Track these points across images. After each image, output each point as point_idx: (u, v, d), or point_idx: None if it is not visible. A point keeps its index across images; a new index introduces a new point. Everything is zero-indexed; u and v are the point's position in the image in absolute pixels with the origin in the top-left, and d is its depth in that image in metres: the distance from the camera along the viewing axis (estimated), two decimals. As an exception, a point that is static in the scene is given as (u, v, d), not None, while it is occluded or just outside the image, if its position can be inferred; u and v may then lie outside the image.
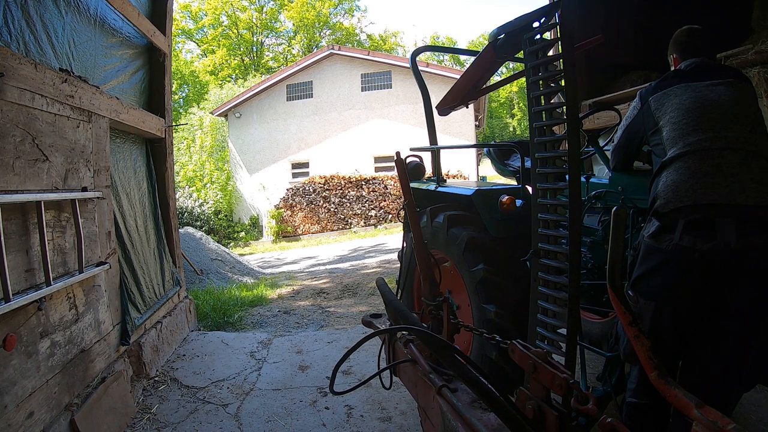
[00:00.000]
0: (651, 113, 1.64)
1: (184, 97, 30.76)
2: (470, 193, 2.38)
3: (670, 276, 1.45)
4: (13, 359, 1.75)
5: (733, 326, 1.42)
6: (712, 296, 1.42)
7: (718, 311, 1.44)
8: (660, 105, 1.61)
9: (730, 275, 1.38)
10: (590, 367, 2.47)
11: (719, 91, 1.54)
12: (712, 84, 1.57)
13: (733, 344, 1.44)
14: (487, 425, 0.92)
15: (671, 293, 1.46)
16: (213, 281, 6.55)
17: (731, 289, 1.39)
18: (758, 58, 2.45)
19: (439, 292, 1.51)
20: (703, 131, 1.48)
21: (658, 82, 1.68)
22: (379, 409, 2.57)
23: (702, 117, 1.50)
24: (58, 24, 2.36)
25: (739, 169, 1.41)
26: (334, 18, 33.18)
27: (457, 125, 13.10)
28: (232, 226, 16.28)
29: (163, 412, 2.66)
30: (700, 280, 1.41)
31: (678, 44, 1.77)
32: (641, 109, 1.70)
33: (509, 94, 39.78)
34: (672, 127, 1.54)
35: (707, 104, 1.52)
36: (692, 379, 1.53)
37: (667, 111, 1.58)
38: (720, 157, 1.43)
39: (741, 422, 2.11)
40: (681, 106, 1.55)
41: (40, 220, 1.92)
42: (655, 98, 1.64)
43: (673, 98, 1.58)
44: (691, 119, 1.51)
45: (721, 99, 1.52)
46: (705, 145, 1.46)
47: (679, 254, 1.42)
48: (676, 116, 1.55)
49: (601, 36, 2.47)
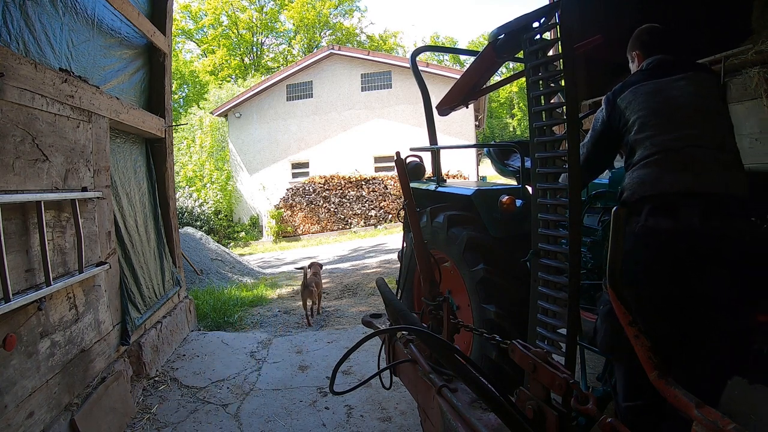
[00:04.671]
0: (622, 112, 1.66)
1: (184, 97, 30.77)
2: (470, 193, 2.38)
3: (641, 257, 1.48)
4: (13, 359, 1.75)
5: (706, 312, 1.46)
6: (683, 281, 1.46)
7: (691, 298, 1.47)
8: (628, 104, 1.64)
9: (696, 259, 1.42)
10: (590, 367, 2.47)
11: (681, 86, 1.58)
12: (674, 80, 1.60)
13: (708, 330, 1.47)
14: (487, 425, 0.92)
15: (646, 276, 1.49)
16: (213, 281, 6.55)
17: (699, 274, 1.43)
18: (758, 58, 2.44)
19: (439, 292, 1.51)
20: (670, 131, 1.53)
21: (623, 83, 1.71)
22: (379, 409, 2.57)
23: (668, 117, 1.55)
24: (56, 24, 2.36)
25: (705, 164, 1.46)
26: (334, 18, 33.19)
27: (457, 125, 13.10)
28: (232, 226, 16.29)
29: (163, 412, 2.66)
30: (669, 263, 1.45)
31: (641, 42, 1.80)
32: (611, 113, 1.71)
33: (509, 94, 39.79)
34: (640, 127, 1.58)
35: (671, 102, 1.57)
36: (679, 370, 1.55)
37: (635, 110, 1.61)
38: (686, 154, 1.49)
39: (741, 422, 2.11)
40: (647, 106, 1.59)
41: (40, 220, 1.92)
42: (624, 98, 1.66)
43: (640, 96, 1.62)
44: (658, 120, 1.56)
45: (683, 96, 1.56)
46: (671, 145, 1.51)
47: (646, 234, 1.48)
48: (643, 116, 1.59)
49: (601, 36, 2.47)
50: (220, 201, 16.33)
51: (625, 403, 1.63)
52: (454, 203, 2.58)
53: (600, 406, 1.91)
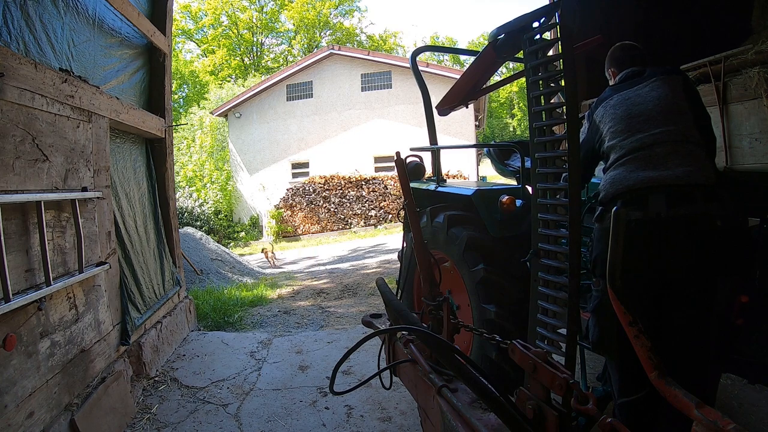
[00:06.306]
0: (597, 126, 1.79)
1: (184, 97, 30.76)
2: (470, 193, 2.38)
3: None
4: (13, 359, 1.75)
5: (676, 295, 1.54)
6: (652, 266, 1.55)
7: (661, 282, 1.56)
8: (601, 118, 1.78)
9: (661, 241, 1.53)
10: (590, 367, 2.47)
11: (644, 93, 1.71)
12: (639, 88, 1.73)
13: (686, 315, 1.54)
14: (487, 425, 0.92)
15: (623, 265, 1.51)
16: (213, 281, 6.55)
17: (665, 257, 1.53)
18: (758, 58, 2.44)
19: (439, 292, 1.51)
20: (635, 134, 1.65)
21: (597, 99, 1.85)
22: (379, 409, 2.57)
23: (632, 121, 1.67)
24: (57, 24, 2.36)
25: (668, 158, 1.57)
26: (334, 18, 33.19)
27: (457, 125, 13.09)
28: (232, 226, 16.28)
29: (163, 412, 2.66)
30: (639, 249, 1.52)
31: (615, 59, 1.94)
32: (590, 128, 1.84)
33: (509, 94, 39.77)
34: (611, 136, 1.72)
35: (634, 109, 1.69)
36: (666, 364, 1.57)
37: (605, 122, 1.75)
38: (651, 152, 1.60)
39: (741, 422, 2.11)
40: (615, 116, 1.73)
41: (40, 220, 1.92)
42: (597, 113, 1.81)
43: (609, 109, 1.76)
44: (624, 126, 1.68)
45: (646, 101, 1.68)
46: (637, 146, 1.63)
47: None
48: (612, 126, 1.72)
49: (601, 36, 2.47)
50: (220, 201, 16.33)
51: (621, 399, 1.63)
52: (454, 203, 2.58)
53: (600, 406, 1.92)
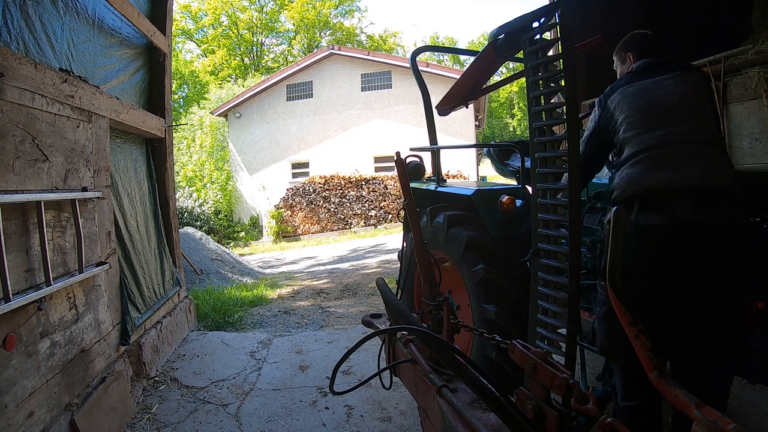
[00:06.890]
0: (612, 114, 1.72)
1: (184, 97, 30.75)
2: (470, 193, 2.38)
3: (633, 254, 1.51)
4: (13, 359, 1.75)
5: (694, 300, 1.50)
6: (673, 272, 1.50)
7: (681, 287, 1.51)
8: (617, 105, 1.70)
9: (683, 247, 1.48)
10: (590, 367, 2.47)
11: (666, 86, 1.64)
12: (660, 80, 1.66)
13: (698, 318, 1.51)
14: (487, 425, 0.92)
15: (638, 272, 1.51)
16: (213, 281, 6.54)
17: (687, 262, 1.48)
18: (758, 58, 2.44)
19: (439, 292, 1.51)
20: (655, 129, 1.58)
21: (613, 85, 1.77)
22: (379, 409, 2.57)
23: (653, 115, 1.61)
24: (57, 24, 2.36)
25: (689, 159, 1.52)
26: (334, 18, 33.17)
27: (457, 125, 13.09)
28: (232, 226, 16.27)
29: (163, 412, 2.66)
30: (660, 255, 1.50)
31: (634, 45, 1.86)
32: (602, 114, 1.77)
33: (509, 94, 39.76)
34: (627, 126, 1.64)
35: (656, 102, 1.62)
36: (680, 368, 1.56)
37: (622, 110, 1.68)
38: (671, 151, 1.54)
39: (741, 422, 2.11)
40: (634, 105, 1.65)
41: (40, 220, 1.92)
42: (613, 99, 1.73)
43: (627, 97, 1.68)
44: (644, 118, 1.62)
45: (669, 95, 1.62)
46: (657, 142, 1.57)
47: (638, 231, 1.52)
48: (630, 116, 1.65)
49: (601, 36, 2.47)
50: (220, 201, 16.32)
51: (624, 402, 1.63)
52: (454, 203, 2.58)
53: (600, 406, 1.92)
